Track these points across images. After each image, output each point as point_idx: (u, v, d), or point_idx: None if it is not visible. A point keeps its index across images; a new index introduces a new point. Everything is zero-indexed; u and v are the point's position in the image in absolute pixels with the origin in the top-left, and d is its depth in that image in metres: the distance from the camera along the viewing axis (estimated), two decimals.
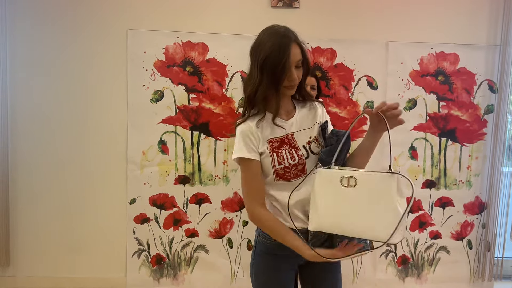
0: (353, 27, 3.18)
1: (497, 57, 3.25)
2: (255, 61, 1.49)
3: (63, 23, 3.06)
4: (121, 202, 3.17)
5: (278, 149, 1.53)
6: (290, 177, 1.54)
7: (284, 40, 1.44)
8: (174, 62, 3.09)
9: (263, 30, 1.51)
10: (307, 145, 1.57)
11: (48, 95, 3.09)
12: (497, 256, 3.42)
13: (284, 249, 1.54)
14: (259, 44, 1.48)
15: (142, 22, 3.08)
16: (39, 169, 3.14)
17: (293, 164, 1.53)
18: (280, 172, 1.53)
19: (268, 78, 1.45)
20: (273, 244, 1.61)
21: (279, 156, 1.52)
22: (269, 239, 1.62)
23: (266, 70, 1.44)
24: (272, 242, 1.60)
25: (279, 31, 1.47)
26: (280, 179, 1.54)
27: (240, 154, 1.52)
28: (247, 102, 1.55)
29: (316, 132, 1.62)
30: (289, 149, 1.54)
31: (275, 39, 1.44)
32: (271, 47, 1.43)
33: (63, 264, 3.21)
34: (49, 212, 3.16)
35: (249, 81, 1.51)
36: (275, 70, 1.43)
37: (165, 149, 3.14)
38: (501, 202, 3.37)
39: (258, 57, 1.46)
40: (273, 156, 1.52)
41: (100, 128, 3.14)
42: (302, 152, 1.56)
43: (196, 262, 3.23)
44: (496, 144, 3.28)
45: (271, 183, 1.57)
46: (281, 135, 1.56)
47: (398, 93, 3.22)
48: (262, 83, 1.47)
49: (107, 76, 3.10)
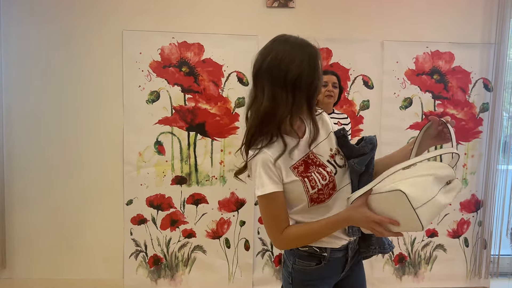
0: (348, 27, 3.19)
1: (492, 56, 3.27)
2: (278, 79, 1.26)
3: (57, 24, 3.04)
4: (118, 203, 3.16)
5: (306, 173, 1.34)
6: (325, 198, 1.36)
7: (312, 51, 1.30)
8: (170, 63, 3.09)
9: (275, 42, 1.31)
10: (331, 159, 1.41)
11: (43, 97, 3.08)
12: (493, 254, 3.43)
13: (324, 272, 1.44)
14: (281, 60, 1.26)
15: (137, 23, 3.07)
16: (35, 171, 3.12)
17: (325, 184, 1.36)
18: (314, 197, 1.35)
19: (302, 96, 1.29)
20: (313, 270, 1.45)
21: (311, 180, 1.34)
22: (308, 265, 1.44)
23: (301, 89, 1.27)
24: (313, 267, 1.44)
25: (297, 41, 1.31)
26: (314, 203, 1.36)
27: (265, 190, 1.30)
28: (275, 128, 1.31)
29: (334, 143, 1.45)
30: (317, 169, 1.36)
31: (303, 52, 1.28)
32: (302, 62, 1.26)
33: (59, 266, 3.20)
34: (45, 214, 3.15)
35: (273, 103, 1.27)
36: (311, 86, 1.28)
37: (162, 150, 3.14)
38: (497, 199, 3.39)
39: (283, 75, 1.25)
40: (305, 182, 1.33)
41: (96, 129, 3.13)
42: (330, 168, 1.38)
43: (193, 262, 3.23)
44: (492, 142, 3.29)
45: (304, 210, 1.38)
46: (302, 156, 1.37)
47: (393, 92, 3.23)
48: (296, 104, 1.28)
49: (102, 77, 3.09)
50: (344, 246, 1.44)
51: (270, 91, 1.27)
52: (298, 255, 1.45)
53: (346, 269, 1.49)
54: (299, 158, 1.36)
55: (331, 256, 1.43)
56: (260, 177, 1.31)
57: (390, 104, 3.22)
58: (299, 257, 1.45)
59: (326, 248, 1.42)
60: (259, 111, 1.29)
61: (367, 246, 1.50)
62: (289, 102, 1.27)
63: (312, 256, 1.43)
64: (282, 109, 1.27)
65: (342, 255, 1.45)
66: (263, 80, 1.29)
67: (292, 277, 1.48)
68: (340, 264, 1.47)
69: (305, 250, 1.43)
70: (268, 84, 1.27)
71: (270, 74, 1.27)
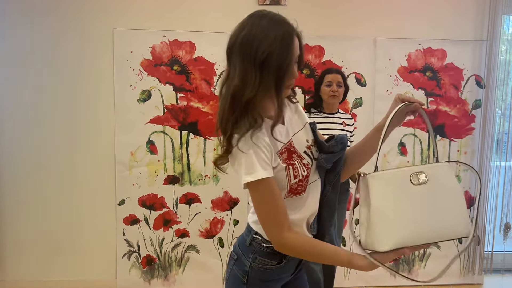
0: (340, 24, 3.18)
1: (484, 52, 3.27)
2: (249, 57, 1.16)
3: (47, 23, 3.01)
4: (110, 203, 3.13)
5: (289, 161, 1.24)
6: (301, 190, 1.27)
7: (286, 27, 1.18)
8: (161, 61, 3.06)
9: (252, 17, 1.21)
10: (308, 151, 1.32)
11: (34, 96, 3.05)
12: (487, 250, 3.44)
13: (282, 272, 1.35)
14: (254, 36, 1.16)
15: (128, 21, 3.04)
16: (26, 171, 3.09)
17: (305, 175, 1.26)
18: (294, 187, 1.25)
19: (271, 78, 1.17)
20: (273, 269, 1.34)
21: (295, 169, 1.24)
22: (269, 263, 1.32)
23: (269, 69, 1.16)
24: (274, 266, 1.33)
25: (275, 18, 1.20)
26: (291, 194, 1.26)
27: (256, 175, 1.16)
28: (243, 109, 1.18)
29: (311, 134, 1.37)
30: (298, 159, 1.27)
31: (277, 30, 1.16)
32: (273, 40, 1.15)
33: (52, 267, 3.17)
34: (37, 215, 3.12)
35: (243, 88, 1.17)
36: (281, 67, 1.16)
37: (154, 149, 3.11)
38: (490, 196, 3.40)
39: (254, 52, 1.15)
40: (289, 170, 1.23)
41: (87, 129, 3.10)
42: (307, 160, 1.29)
43: (187, 262, 3.21)
44: (484, 138, 3.30)
45: None
46: (285, 143, 1.27)
47: (386, 90, 3.22)
48: (263, 85, 1.17)
49: (93, 77, 3.07)
50: None
51: (241, 69, 1.17)
52: (260, 252, 1.32)
53: (298, 269, 1.41)
54: (282, 145, 1.26)
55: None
56: (247, 161, 1.17)
57: (383, 102, 3.21)
58: (261, 255, 1.32)
59: None
60: (229, 89, 1.19)
61: None
62: (257, 83, 1.16)
63: (275, 254, 1.29)
64: (249, 89, 1.16)
65: None
66: (236, 57, 1.19)
67: (248, 276, 1.34)
68: (295, 263, 1.38)
69: (269, 247, 1.30)
70: (240, 62, 1.18)
71: (241, 50, 1.17)
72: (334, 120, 2.77)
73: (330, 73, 2.78)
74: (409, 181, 1.18)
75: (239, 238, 1.42)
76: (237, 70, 1.19)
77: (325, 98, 2.76)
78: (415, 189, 1.17)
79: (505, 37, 3.39)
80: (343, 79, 2.78)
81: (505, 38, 3.40)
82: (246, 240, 1.35)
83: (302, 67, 1.32)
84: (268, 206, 1.20)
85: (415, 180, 1.18)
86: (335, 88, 2.73)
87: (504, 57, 3.39)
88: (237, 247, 1.39)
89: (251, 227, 1.36)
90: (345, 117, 2.82)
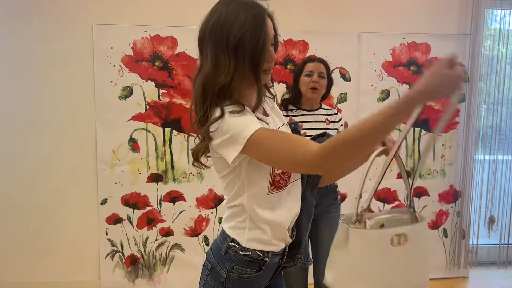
0: (325, 19, 3.15)
1: (467, 46, 3.28)
2: (220, 43, 1.12)
3: (25, 17, 2.93)
4: (92, 202, 3.07)
5: None
6: (282, 185, 1.22)
7: (257, 9, 1.14)
8: (142, 57, 3.00)
9: (220, 3, 1.17)
10: None
11: (11, 94, 2.97)
12: (472, 244, 3.47)
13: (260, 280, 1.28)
14: (223, 23, 1.12)
15: (108, 17, 2.98)
16: (4, 170, 3.01)
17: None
18: (277, 179, 1.19)
19: (246, 61, 1.12)
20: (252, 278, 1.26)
21: None
22: (248, 272, 1.24)
23: (244, 52, 1.11)
24: (253, 275, 1.25)
25: (245, 2, 1.15)
26: (274, 188, 1.20)
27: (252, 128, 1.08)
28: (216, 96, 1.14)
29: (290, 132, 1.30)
30: None
31: (247, 12, 1.12)
32: (244, 23, 1.11)
33: (34, 269, 3.10)
34: (16, 215, 3.05)
35: (216, 73, 1.12)
36: (256, 49, 1.11)
37: (136, 147, 3.06)
38: (474, 190, 3.42)
39: (225, 37, 1.11)
40: None
41: (67, 127, 3.03)
42: None
43: (172, 261, 3.17)
44: (468, 132, 3.31)
45: (260, 197, 1.20)
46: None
47: (371, 85, 3.21)
48: (238, 69, 1.12)
49: (73, 73, 3.00)
50: (282, 250, 1.29)
51: (213, 56, 1.14)
52: (237, 261, 1.23)
53: (275, 275, 1.34)
54: None
55: (271, 261, 1.26)
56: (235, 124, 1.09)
57: (367, 97, 3.20)
58: (238, 264, 1.23)
59: (268, 252, 1.24)
60: (201, 78, 1.15)
61: (293, 255, 1.34)
62: (231, 68, 1.12)
63: (254, 262, 1.23)
64: (223, 75, 1.12)
65: (278, 259, 1.30)
66: (207, 45, 1.15)
67: (225, 287, 1.24)
68: (273, 269, 1.31)
69: (247, 254, 1.22)
70: (211, 49, 1.14)
71: (212, 38, 1.14)
72: (315, 118, 2.37)
73: (312, 61, 2.39)
74: (389, 243, 1.12)
75: (213, 246, 1.31)
76: (209, 58, 1.15)
77: (303, 91, 2.34)
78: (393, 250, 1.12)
79: (489, 32, 3.40)
80: (326, 70, 2.38)
81: (489, 33, 3.41)
82: (222, 248, 1.25)
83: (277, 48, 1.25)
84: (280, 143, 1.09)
85: (396, 242, 1.13)
86: (316, 79, 2.31)
87: (488, 51, 3.40)
88: (211, 256, 1.28)
89: (227, 233, 1.26)
90: (328, 113, 2.44)
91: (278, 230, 1.24)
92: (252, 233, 1.24)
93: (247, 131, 1.08)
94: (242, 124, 1.09)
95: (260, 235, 1.23)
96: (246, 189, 1.20)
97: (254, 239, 1.23)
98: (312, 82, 2.31)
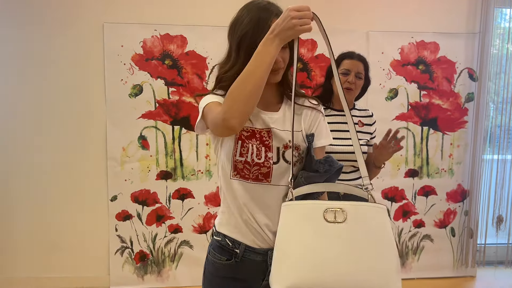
0: (333, 18, 3.15)
1: (476, 45, 3.26)
2: (232, 40, 1.29)
3: (36, 17, 2.97)
4: (102, 199, 3.11)
5: (244, 139, 1.27)
6: (249, 177, 1.27)
7: (264, 14, 1.24)
8: (152, 56, 3.03)
9: (243, 6, 1.31)
10: (281, 149, 1.29)
11: (23, 93, 3.01)
12: (480, 243, 3.46)
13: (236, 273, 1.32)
14: (237, 21, 1.28)
15: (118, 15, 3.01)
16: (17, 167, 3.06)
17: (257, 162, 1.26)
18: (239, 167, 1.27)
19: (245, 57, 1.21)
20: (223, 265, 1.32)
21: (244, 146, 1.26)
22: (219, 258, 1.33)
23: (243, 49, 1.24)
24: (223, 262, 1.32)
25: (259, 5, 1.27)
26: (237, 175, 1.28)
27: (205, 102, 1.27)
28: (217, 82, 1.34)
29: (299, 140, 1.32)
30: (258, 145, 1.27)
31: (254, 14, 1.24)
32: (249, 23, 1.23)
33: (44, 264, 3.14)
34: (29, 211, 3.09)
35: (225, 64, 1.31)
36: (254, 48, 1.17)
37: (146, 145, 3.09)
38: (482, 189, 3.41)
39: (235, 35, 1.27)
40: (237, 144, 1.26)
41: (78, 125, 3.06)
42: (272, 155, 1.27)
43: (180, 258, 3.20)
44: (477, 132, 3.30)
45: (226, 180, 1.31)
46: (254, 127, 1.28)
47: (379, 83, 3.21)
48: (237, 64, 1.24)
49: (84, 72, 3.03)
50: (263, 250, 1.30)
51: (228, 48, 1.32)
52: (213, 245, 1.37)
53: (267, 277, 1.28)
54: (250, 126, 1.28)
55: (245, 255, 1.30)
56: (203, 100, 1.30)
57: (376, 95, 3.19)
58: (213, 248, 1.36)
59: (240, 244, 1.30)
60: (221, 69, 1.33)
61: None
62: (233, 61, 1.28)
63: (223, 249, 1.32)
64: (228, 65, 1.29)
65: (261, 259, 1.30)
66: (228, 38, 1.33)
67: (205, 268, 1.39)
68: (259, 269, 1.31)
69: (218, 240, 1.34)
70: (228, 42, 1.32)
71: (229, 34, 1.31)
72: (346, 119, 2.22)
73: (350, 58, 2.11)
74: (322, 217, 1.07)
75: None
76: (227, 49, 1.33)
77: (336, 91, 2.09)
78: (328, 227, 1.06)
79: (498, 31, 3.39)
80: (365, 70, 2.12)
81: (498, 32, 3.39)
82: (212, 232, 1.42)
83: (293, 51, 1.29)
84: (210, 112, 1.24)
85: (330, 217, 1.07)
86: (352, 79, 2.05)
87: (497, 50, 3.39)
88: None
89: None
90: (362, 115, 2.20)
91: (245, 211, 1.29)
92: (224, 217, 1.35)
93: (204, 103, 1.27)
94: (206, 99, 1.28)
95: (228, 219, 1.33)
96: (221, 171, 1.34)
97: (225, 222, 1.35)
98: (347, 82, 2.05)
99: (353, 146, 1.32)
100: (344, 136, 2.00)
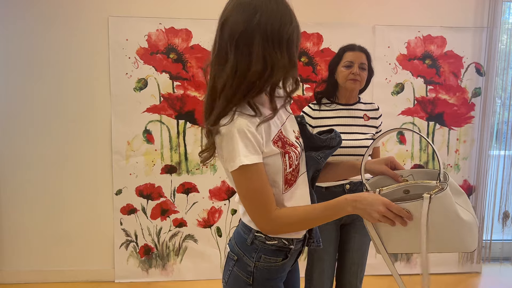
0: (339, 11, 3.13)
1: (484, 40, 3.23)
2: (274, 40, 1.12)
3: (40, 11, 2.96)
4: (107, 193, 3.12)
5: (284, 149, 1.19)
6: (293, 181, 1.23)
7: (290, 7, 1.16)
8: (157, 49, 3.03)
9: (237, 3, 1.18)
10: (297, 141, 1.28)
11: (27, 87, 3.01)
12: (486, 239, 3.44)
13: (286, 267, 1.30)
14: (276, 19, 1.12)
15: (123, 9, 3.00)
16: (23, 162, 3.07)
17: (297, 164, 1.23)
18: (289, 177, 1.20)
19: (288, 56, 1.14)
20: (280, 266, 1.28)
21: (290, 157, 1.19)
22: (275, 261, 1.26)
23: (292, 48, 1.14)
24: (279, 263, 1.27)
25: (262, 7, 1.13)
26: (287, 187, 1.22)
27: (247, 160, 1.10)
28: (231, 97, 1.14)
29: (296, 125, 1.33)
30: (290, 148, 1.21)
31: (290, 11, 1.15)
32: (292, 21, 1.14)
33: (50, 257, 3.16)
34: (34, 205, 3.10)
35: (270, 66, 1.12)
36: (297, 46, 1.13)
37: (151, 139, 3.09)
38: (489, 185, 3.39)
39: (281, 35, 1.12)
40: (285, 157, 1.18)
41: (83, 119, 3.07)
42: (300, 149, 1.26)
43: (185, 252, 3.21)
44: (484, 127, 3.27)
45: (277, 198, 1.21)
46: (277, 131, 1.20)
47: (385, 78, 3.19)
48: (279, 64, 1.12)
49: (88, 65, 3.03)
50: (303, 236, 1.31)
51: (262, 53, 1.11)
52: (264, 250, 1.24)
53: (296, 260, 1.36)
54: (275, 133, 1.19)
55: (295, 247, 1.28)
56: (237, 146, 1.11)
57: (381, 90, 3.18)
58: (266, 253, 1.25)
59: (293, 240, 1.26)
60: (245, 76, 1.12)
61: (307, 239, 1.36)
62: (286, 64, 1.13)
63: (280, 250, 1.26)
64: (279, 72, 1.13)
65: (300, 245, 1.31)
66: (251, 42, 1.11)
67: (254, 277, 1.26)
68: (296, 255, 1.33)
69: (274, 244, 1.24)
70: (260, 46, 1.11)
71: (264, 35, 1.11)
72: (352, 113, 2.15)
73: (351, 50, 2.12)
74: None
75: (236, 237, 1.31)
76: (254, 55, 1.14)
77: (341, 83, 2.10)
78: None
79: (506, 26, 3.35)
80: (367, 60, 2.13)
81: (506, 27, 3.36)
82: (247, 239, 1.26)
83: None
84: (257, 190, 1.14)
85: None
86: (356, 70, 2.06)
87: (505, 46, 3.35)
88: (235, 247, 1.29)
89: (249, 226, 1.26)
90: (368, 108, 2.20)
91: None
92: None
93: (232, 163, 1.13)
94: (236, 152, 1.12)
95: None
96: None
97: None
98: (352, 74, 2.06)
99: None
100: (349, 130, 2.06)
